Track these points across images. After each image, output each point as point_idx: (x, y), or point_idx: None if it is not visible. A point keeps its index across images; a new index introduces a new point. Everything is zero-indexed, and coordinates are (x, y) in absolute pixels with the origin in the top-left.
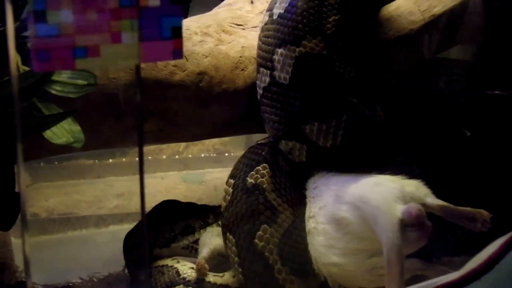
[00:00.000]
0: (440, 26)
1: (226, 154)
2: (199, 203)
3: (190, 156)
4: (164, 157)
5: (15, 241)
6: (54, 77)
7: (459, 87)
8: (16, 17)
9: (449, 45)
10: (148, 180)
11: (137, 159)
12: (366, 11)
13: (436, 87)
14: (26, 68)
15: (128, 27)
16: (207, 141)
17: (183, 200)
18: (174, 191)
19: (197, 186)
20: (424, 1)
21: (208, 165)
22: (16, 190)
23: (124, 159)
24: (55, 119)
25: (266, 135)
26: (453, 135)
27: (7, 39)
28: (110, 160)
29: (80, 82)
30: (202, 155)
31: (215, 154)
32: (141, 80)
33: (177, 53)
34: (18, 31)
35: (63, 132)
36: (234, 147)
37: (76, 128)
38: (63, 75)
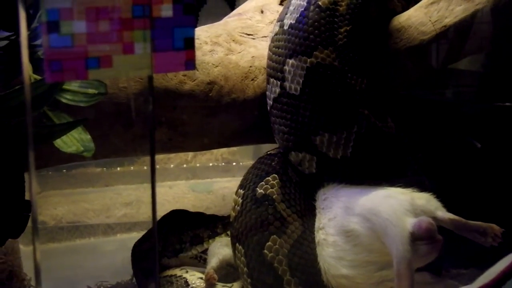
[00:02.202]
0: (451, 37)
1: (234, 164)
2: (207, 212)
3: (198, 165)
4: (172, 166)
5: (23, 249)
6: (65, 86)
7: (467, 98)
8: (27, 26)
9: (459, 56)
10: (157, 189)
11: (145, 167)
12: (377, 21)
13: (444, 98)
14: (37, 77)
15: (141, 38)
16: (215, 150)
17: (191, 209)
18: (182, 200)
19: (205, 195)
20: (435, 11)
21: (216, 174)
22: (26, 198)
23: (132, 167)
24: (65, 128)
25: (275, 145)
26: (464, 147)
27: (19, 48)
28: (118, 169)
29: (90, 91)
30: (210, 164)
31: (223, 164)
32: (153, 90)
33: (190, 64)
34: (29, 40)
35: (73, 141)
36: (243, 156)
37: (86, 137)
38: (73, 84)
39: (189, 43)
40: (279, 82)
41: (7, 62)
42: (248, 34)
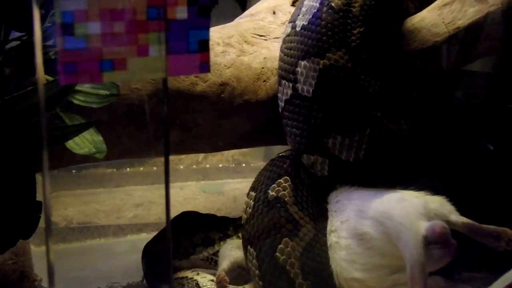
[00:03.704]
0: (464, 39)
1: (244, 165)
2: (218, 214)
3: (208, 166)
4: (181, 167)
5: (34, 249)
6: (77, 87)
7: (480, 100)
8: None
9: (472, 58)
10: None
11: (155, 168)
12: (390, 23)
13: (457, 100)
14: (49, 78)
15: (156, 40)
16: (226, 152)
17: (202, 211)
18: (193, 201)
19: (216, 196)
20: (448, 13)
21: (227, 176)
22: (38, 198)
23: (142, 168)
24: (78, 130)
25: (286, 147)
26: (477, 149)
27: (31, 48)
28: (128, 169)
29: (102, 92)
30: (221, 165)
31: (234, 165)
32: (168, 93)
33: (204, 66)
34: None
35: (85, 142)
36: (253, 157)
37: (98, 138)
38: (86, 85)
39: (204, 46)
40: (291, 84)
41: (19, 63)
42: (260, 35)
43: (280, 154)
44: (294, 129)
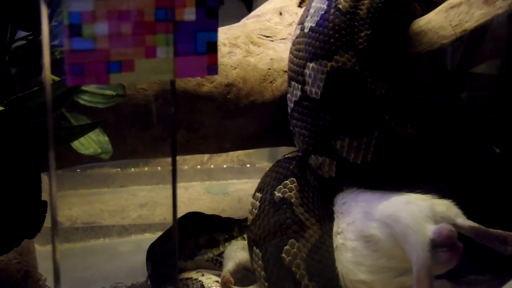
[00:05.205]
0: (470, 41)
1: (248, 166)
2: (223, 214)
3: (213, 166)
4: (186, 167)
5: (39, 249)
6: (83, 88)
7: (485, 102)
8: None
9: (478, 60)
10: (171, 190)
11: (159, 168)
12: (397, 25)
13: (463, 102)
14: (55, 78)
15: (163, 42)
16: (231, 152)
17: (206, 211)
18: (197, 202)
19: (221, 197)
20: (455, 15)
21: (232, 176)
22: (43, 198)
23: (146, 168)
24: (84, 130)
25: (291, 148)
26: (483, 152)
27: (37, 48)
28: (133, 169)
29: (108, 92)
30: (225, 166)
31: (238, 165)
32: (175, 95)
33: (212, 68)
34: None
35: (91, 142)
36: (258, 158)
37: (104, 139)
38: (92, 85)
39: (212, 48)
40: (300, 86)
41: (25, 63)
42: (267, 36)
43: (286, 156)
44: (303, 130)
